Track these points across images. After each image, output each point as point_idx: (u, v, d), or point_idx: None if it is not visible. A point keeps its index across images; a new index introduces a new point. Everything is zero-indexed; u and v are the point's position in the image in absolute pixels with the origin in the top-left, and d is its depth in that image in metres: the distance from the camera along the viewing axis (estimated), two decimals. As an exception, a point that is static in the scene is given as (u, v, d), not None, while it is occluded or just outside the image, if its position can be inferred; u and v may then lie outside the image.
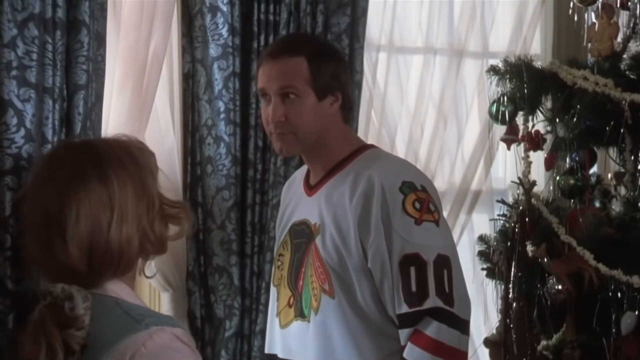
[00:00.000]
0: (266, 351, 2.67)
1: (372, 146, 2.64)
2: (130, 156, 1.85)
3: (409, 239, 2.38)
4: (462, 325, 2.39)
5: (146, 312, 1.86)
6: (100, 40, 2.67)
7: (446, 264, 2.40)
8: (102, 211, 1.78)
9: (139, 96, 3.19)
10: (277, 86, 2.45)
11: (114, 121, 3.10)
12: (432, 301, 2.35)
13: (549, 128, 3.39)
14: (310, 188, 2.55)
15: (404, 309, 2.37)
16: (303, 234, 2.52)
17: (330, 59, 2.50)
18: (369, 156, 2.53)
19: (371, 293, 2.41)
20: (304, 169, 2.67)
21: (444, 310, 2.36)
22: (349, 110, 2.56)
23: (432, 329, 2.34)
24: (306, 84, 2.44)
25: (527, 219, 3.29)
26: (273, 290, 2.63)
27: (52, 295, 1.76)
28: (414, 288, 2.36)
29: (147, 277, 2.03)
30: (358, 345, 2.40)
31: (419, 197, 2.41)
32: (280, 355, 2.57)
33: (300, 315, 2.49)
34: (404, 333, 2.38)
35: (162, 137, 3.38)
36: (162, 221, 1.88)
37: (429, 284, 2.36)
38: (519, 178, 3.38)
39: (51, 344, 1.71)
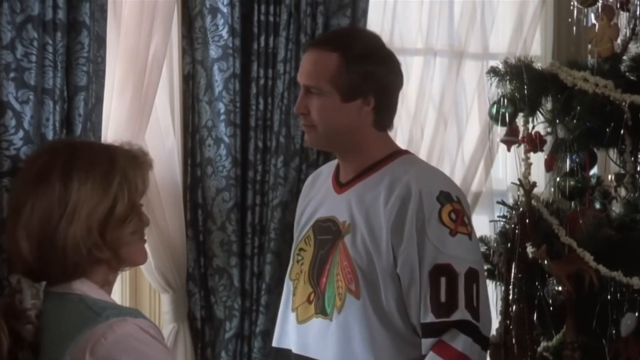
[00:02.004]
0: (275, 344, 2.64)
1: (407, 151, 2.61)
2: (109, 163, 1.86)
3: (442, 249, 2.36)
4: (483, 342, 2.38)
5: (109, 305, 1.86)
6: (100, 41, 2.67)
7: (476, 278, 2.39)
8: (55, 208, 1.81)
9: (139, 97, 3.19)
10: (303, 80, 2.45)
11: (114, 122, 3.10)
12: (461, 314, 2.34)
13: (549, 129, 3.39)
14: (341, 186, 2.52)
15: (430, 318, 2.35)
16: (329, 231, 2.49)
17: (369, 61, 2.43)
18: (405, 161, 2.51)
19: (396, 298, 2.39)
20: (330, 164, 2.64)
21: (471, 324, 2.34)
22: (384, 116, 2.48)
23: (460, 342, 2.32)
24: (329, 83, 2.40)
25: (527, 220, 3.29)
26: (289, 284, 2.60)
27: (10, 285, 1.79)
28: (443, 299, 2.34)
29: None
30: (377, 348, 2.39)
31: (455, 209, 2.39)
32: (295, 351, 2.54)
33: (322, 312, 2.47)
34: (426, 342, 2.36)
35: (162, 139, 3.38)
36: (119, 228, 1.86)
37: (459, 296, 2.34)
38: (519, 179, 3.38)
39: None
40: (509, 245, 3.32)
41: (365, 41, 2.52)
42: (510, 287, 3.29)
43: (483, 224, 3.94)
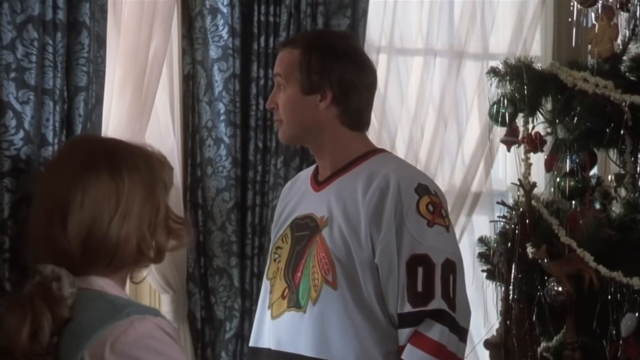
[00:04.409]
0: (251, 344, 2.66)
1: (384, 150, 2.65)
2: (146, 162, 1.89)
3: (420, 239, 2.38)
4: (461, 333, 2.39)
5: (129, 302, 1.87)
6: (100, 41, 2.67)
7: (453, 270, 2.40)
8: (106, 203, 1.82)
9: (139, 98, 3.19)
10: (274, 76, 2.54)
11: (114, 123, 3.11)
12: (438, 303, 2.35)
13: (549, 130, 3.39)
14: (319, 184, 2.55)
15: (407, 308, 2.36)
16: (307, 227, 2.51)
17: (327, 56, 2.48)
18: (383, 158, 2.54)
19: (375, 289, 2.40)
20: (308, 169, 2.68)
21: (447, 314, 2.35)
22: (349, 113, 2.50)
23: (436, 332, 2.33)
24: (292, 74, 2.47)
25: (527, 221, 3.29)
26: (266, 284, 2.62)
27: (41, 274, 1.78)
28: (419, 288, 2.36)
29: (134, 282, 2.03)
30: (359, 338, 2.40)
31: (433, 201, 2.42)
32: (273, 348, 2.55)
33: (295, 305, 2.48)
34: (403, 333, 2.37)
35: (163, 139, 3.38)
36: (164, 232, 1.91)
37: (435, 286, 2.36)
38: (519, 180, 3.39)
39: (38, 318, 1.73)
40: (509, 245, 3.32)
41: (330, 39, 2.60)
42: (510, 287, 3.29)
43: (483, 224, 3.95)
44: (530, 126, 3.37)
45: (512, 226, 3.35)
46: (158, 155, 1.97)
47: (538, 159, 3.63)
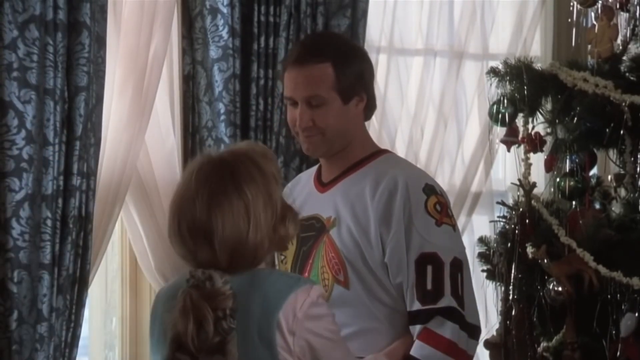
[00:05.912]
0: None
1: (387, 150, 2.68)
2: (257, 168, 2.10)
3: (428, 238, 2.40)
4: (470, 329, 2.41)
5: (296, 274, 2.36)
6: (100, 42, 2.68)
7: (460, 268, 2.43)
8: (241, 220, 2.04)
9: (140, 98, 3.19)
10: (304, 95, 2.47)
11: (114, 123, 3.11)
12: (447, 300, 2.37)
13: (549, 130, 3.39)
14: (323, 185, 2.57)
15: (417, 306, 2.38)
16: (312, 228, 2.53)
17: (355, 61, 2.51)
18: (388, 159, 2.57)
19: (389, 286, 2.43)
20: (310, 171, 2.68)
21: (456, 311, 2.38)
22: (372, 109, 2.57)
23: (447, 329, 2.35)
24: (331, 90, 2.45)
25: (527, 221, 3.30)
26: None
27: (194, 277, 2.01)
28: (429, 286, 2.38)
29: None
30: (374, 335, 2.42)
31: (440, 201, 2.45)
32: None
33: None
34: (413, 330, 2.39)
35: (163, 139, 3.38)
36: (282, 223, 2.12)
37: (444, 284, 2.39)
38: (519, 180, 3.39)
39: (201, 313, 1.96)
40: (509, 245, 3.33)
41: (343, 43, 2.63)
42: (510, 287, 3.29)
43: (483, 224, 3.95)
44: (530, 126, 3.37)
45: (512, 226, 3.35)
46: (261, 151, 2.15)
47: (538, 159, 3.63)
